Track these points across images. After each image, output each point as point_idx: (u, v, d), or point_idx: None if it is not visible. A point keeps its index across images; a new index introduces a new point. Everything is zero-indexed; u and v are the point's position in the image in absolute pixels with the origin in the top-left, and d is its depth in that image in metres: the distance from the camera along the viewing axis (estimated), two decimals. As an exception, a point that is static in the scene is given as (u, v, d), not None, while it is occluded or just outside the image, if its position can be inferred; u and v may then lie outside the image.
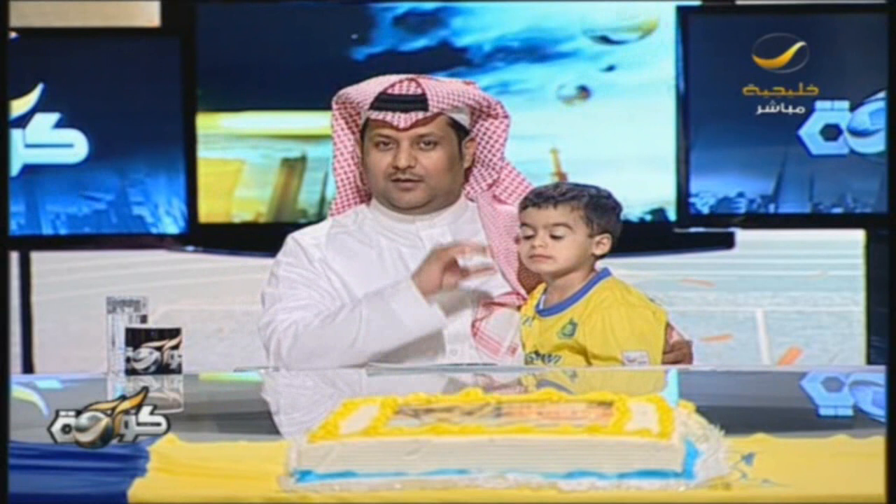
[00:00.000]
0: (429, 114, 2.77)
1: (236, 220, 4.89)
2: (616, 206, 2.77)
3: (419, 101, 2.78)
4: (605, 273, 2.77)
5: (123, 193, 4.79)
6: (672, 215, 4.80)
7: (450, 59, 4.82)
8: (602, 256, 2.76)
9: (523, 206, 2.75)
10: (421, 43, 4.83)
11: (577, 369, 2.66)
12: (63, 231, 4.79)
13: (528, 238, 2.73)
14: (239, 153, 4.88)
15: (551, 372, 2.66)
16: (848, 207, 4.67)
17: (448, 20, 4.85)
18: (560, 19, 4.83)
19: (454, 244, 2.74)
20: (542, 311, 2.76)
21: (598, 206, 2.73)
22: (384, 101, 2.78)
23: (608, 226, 2.74)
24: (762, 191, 4.71)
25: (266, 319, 2.80)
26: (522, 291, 2.82)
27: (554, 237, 2.70)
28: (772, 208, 4.72)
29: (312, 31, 4.83)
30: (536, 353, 2.74)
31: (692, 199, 4.73)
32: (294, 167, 4.89)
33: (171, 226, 4.81)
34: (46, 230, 4.77)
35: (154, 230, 4.81)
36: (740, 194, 4.72)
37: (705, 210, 4.74)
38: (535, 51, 4.83)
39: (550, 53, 4.84)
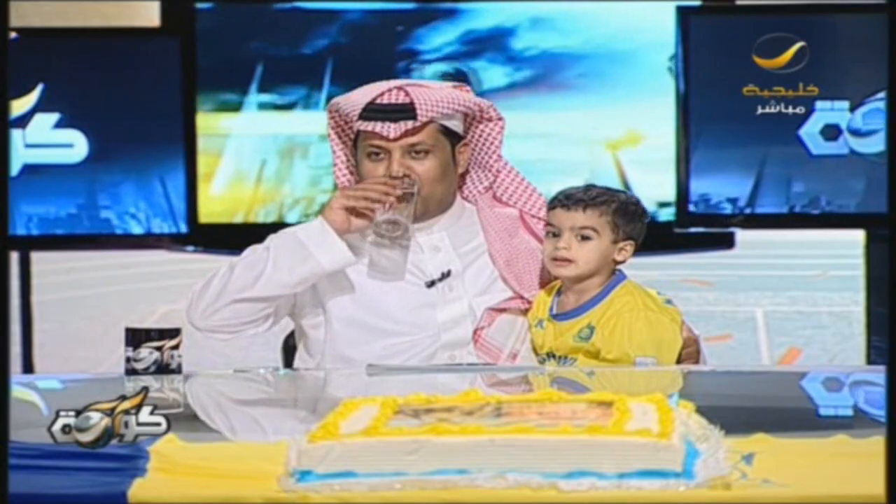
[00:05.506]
0: (418, 123, 2.75)
1: (237, 220, 4.89)
2: (643, 214, 2.76)
3: (407, 111, 2.74)
4: (622, 276, 2.76)
5: (123, 193, 4.79)
6: (672, 215, 4.80)
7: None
8: (622, 262, 2.76)
9: (551, 206, 2.75)
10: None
11: (591, 368, 2.66)
12: (62, 231, 4.78)
13: (551, 238, 2.73)
14: (238, 153, 4.87)
15: (568, 370, 2.66)
16: (848, 207, 4.66)
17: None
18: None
19: (357, 187, 2.74)
20: (558, 316, 2.75)
21: (627, 212, 2.73)
22: (373, 112, 2.75)
23: (633, 233, 2.73)
24: (762, 191, 4.71)
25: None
26: (526, 295, 2.81)
27: (579, 240, 2.70)
28: (771, 208, 4.71)
29: (313, 32, 4.82)
30: (551, 355, 2.74)
31: (692, 199, 4.72)
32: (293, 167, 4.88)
33: (171, 226, 4.81)
34: (43, 230, 4.77)
35: (153, 230, 4.81)
36: (740, 194, 4.72)
37: (705, 210, 4.73)
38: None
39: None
